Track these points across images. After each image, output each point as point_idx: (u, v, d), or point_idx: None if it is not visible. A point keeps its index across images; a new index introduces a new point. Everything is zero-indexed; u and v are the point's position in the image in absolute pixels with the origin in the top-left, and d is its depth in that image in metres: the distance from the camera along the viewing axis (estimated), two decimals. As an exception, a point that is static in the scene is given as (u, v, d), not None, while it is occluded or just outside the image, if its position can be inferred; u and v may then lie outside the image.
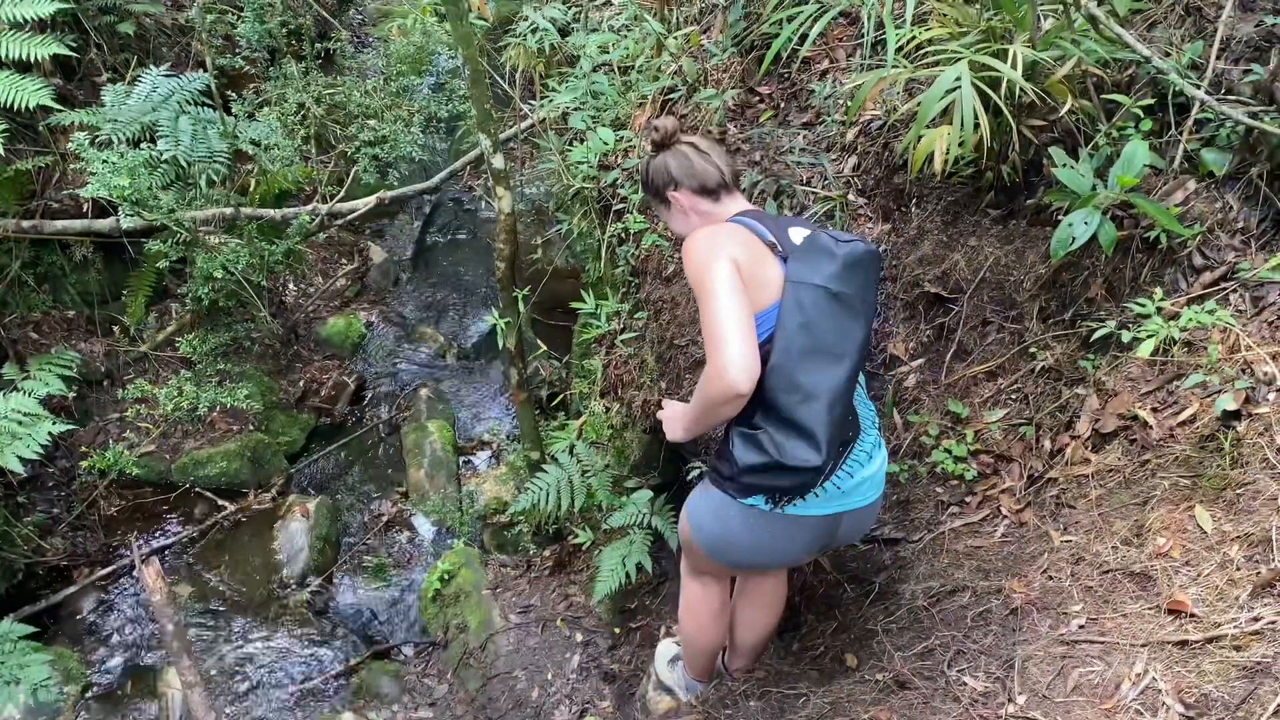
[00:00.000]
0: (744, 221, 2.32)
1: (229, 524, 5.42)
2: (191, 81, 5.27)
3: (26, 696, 4.33)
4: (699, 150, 2.42)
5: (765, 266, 2.21)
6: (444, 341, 6.85)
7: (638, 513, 4.09)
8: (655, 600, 4.36)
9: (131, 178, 4.78)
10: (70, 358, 5.38)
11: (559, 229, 4.80)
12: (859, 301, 2.25)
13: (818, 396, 2.16)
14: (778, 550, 2.45)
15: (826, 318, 2.17)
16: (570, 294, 5.74)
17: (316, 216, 5.59)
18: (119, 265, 5.86)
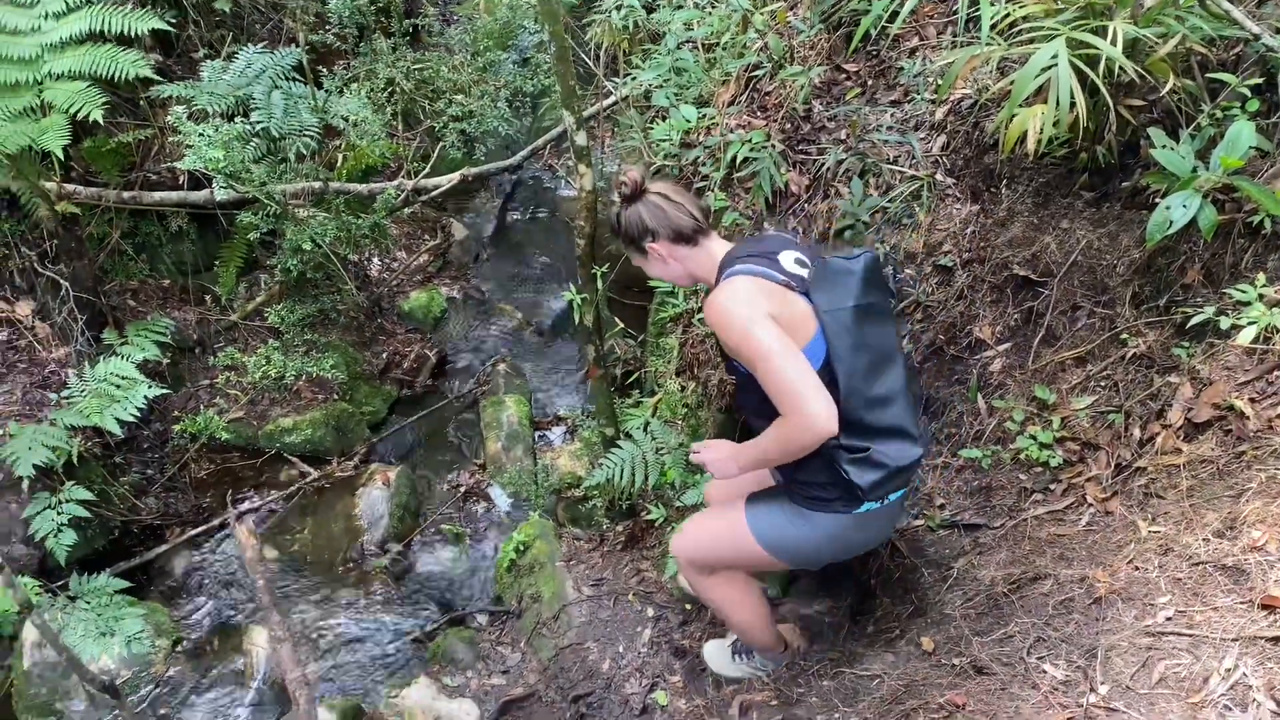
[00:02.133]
0: (752, 270, 2.35)
1: (313, 490, 5.57)
2: (284, 57, 5.40)
3: (121, 648, 4.53)
4: (669, 199, 2.48)
5: (793, 306, 2.33)
6: (522, 318, 6.93)
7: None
8: (727, 578, 4.36)
9: (226, 151, 4.92)
10: (165, 325, 5.58)
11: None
12: (884, 304, 2.45)
13: (894, 399, 2.38)
14: (870, 541, 2.72)
15: (870, 332, 2.35)
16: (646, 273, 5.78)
17: (402, 192, 5.69)
18: (212, 236, 6.04)
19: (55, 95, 4.91)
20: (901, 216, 3.52)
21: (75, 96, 4.84)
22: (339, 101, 5.19)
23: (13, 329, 5.33)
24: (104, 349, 5.38)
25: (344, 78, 5.37)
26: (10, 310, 5.35)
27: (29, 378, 5.28)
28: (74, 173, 5.54)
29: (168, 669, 4.75)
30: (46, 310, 5.45)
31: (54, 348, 5.39)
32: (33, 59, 4.97)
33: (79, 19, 4.99)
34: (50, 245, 5.46)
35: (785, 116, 3.84)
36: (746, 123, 3.95)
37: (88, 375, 5.13)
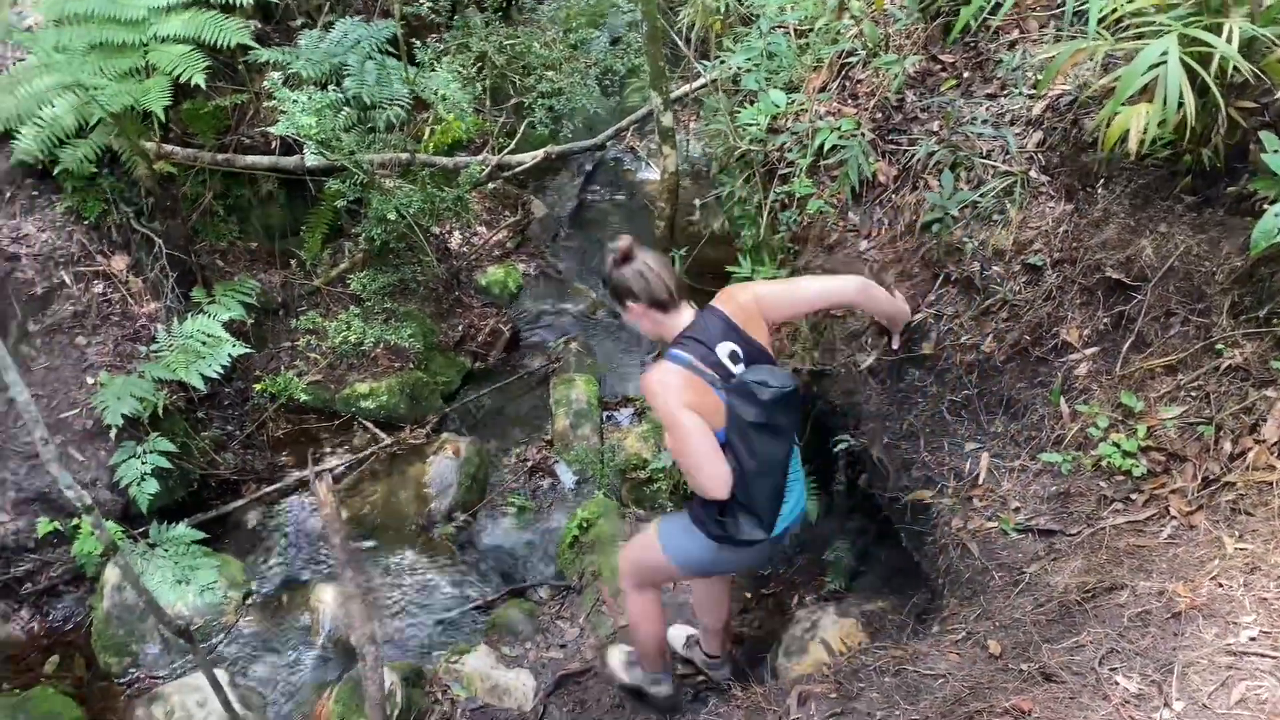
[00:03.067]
0: (685, 360, 2.81)
1: (385, 455, 5.68)
2: (380, 29, 5.48)
3: (195, 596, 4.69)
4: (651, 270, 2.88)
5: (707, 398, 2.80)
6: (596, 298, 6.96)
7: (779, 480, 4.08)
8: (789, 570, 4.35)
9: (318, 118, 5.02)
10: (251, 286, 5.72)
11: (720, 192, 4.80)
12: (787, 425, 2.86)
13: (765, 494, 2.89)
14: (743, 564, 3.40)
15: (763, 442, 2.80)
16: (722, 259, 5.73)
17: (486, 167, 5.74)
18: (300, 202, 6.17)
19: (159, 58, 5.06)
20: (992, 212, 3.45)
21: (178, 60, 4.99)
22: (430, 75, 5.26)
23: (108, 282, 5.51)
24: (192, 306, 5.54)
25: (436, 51, 5.42)
26: (107, 264, 5.54)
27: (120, 330, 5.46)
28: (172, 134, 5.70)
29: (238, 620, 4.90)
30: (140, 266, 5.63)
31: (145, 302, 5.57)
32: (139, 21, 5.13)
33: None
34: (146, 203, 5.63)
35: (877, 105, 3.78)
36: (836, 110, 3.90)
37: (176, 331, 5.29)
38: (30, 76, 5.11)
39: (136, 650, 4.69)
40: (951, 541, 3.25)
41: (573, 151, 6.52)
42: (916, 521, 3.43)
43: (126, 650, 4.68)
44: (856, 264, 3.70)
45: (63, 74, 4.95)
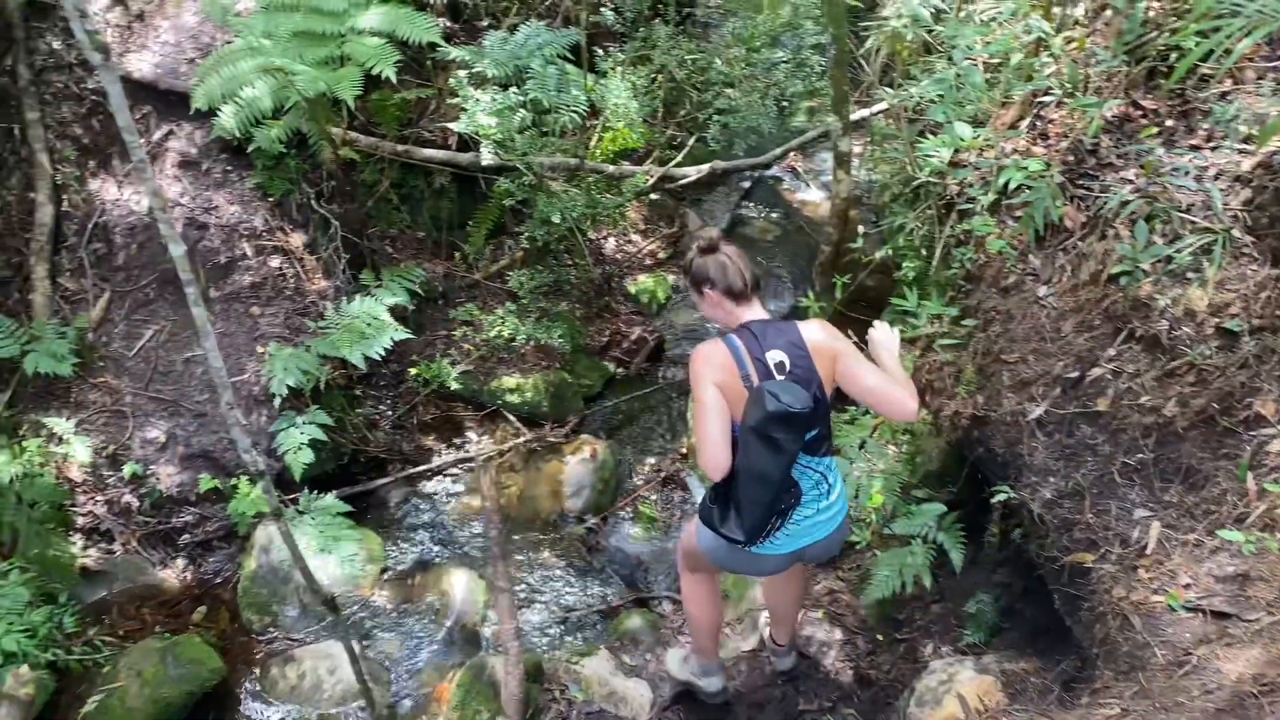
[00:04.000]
0: (734, 345, 2.94)
1: (524, 449, 5.78)
2: (563, 35, 5.60)
3: (336, 566, 4.86)
4: (732, 261, 3.02)
5: (738, 387, 2.92)
6: (744, 316, 6.91)
7: (924, 525, 3.96)
8: (925, 617, 4.21)
9: (499, 119, 5.16)
10: (417, 274, 5.92)
11: (890, 221, 4.70)
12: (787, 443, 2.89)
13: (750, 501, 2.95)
14: (751, 568, 3.45)
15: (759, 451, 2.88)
16: (877, 288, 5.62)
17: (650, 178, 5.80)
18: (469, 197, 6.36)
19: (355, 49, 5.29)
20: (1187, 270, 3.26)
21: (372, 52, 5.20)
22: (607, 83, 5.34)
23: (285, 258, 5.80)
24: (360, 288, 5.77)
25: (617, 60, 5.51)
26: (285, 240, 5.83)
27: (292, 304, 5.73)
28: (357, 122, 5.95)
29: (373, 593, 5.06)
30: (315, 245, 5.90)
31: (317, 280, 5.83)
32: (339, 13, 5.37)
33: (386, -19, 5.35)
34: (327, 186, 5.90)
35: (1069, 147, 3.62)
36: (1025, 149, 3.76)
37: (344, 310, 5.53)
38: (235, 58, 5.40)
39: (276, 611, 4.91)
40: (1111, 611, 3.09)
41: (738, 169, 6.52)
42: (1073, 585, 3.27)
43: (268, 610, 4.90)
44: (1033, 309, 3.56)
45: (265, 58, 5.22)
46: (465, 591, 4.97)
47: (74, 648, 4.44)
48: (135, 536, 5.11)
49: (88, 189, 5.76)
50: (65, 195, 5.71)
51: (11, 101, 5.68)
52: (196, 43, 6.03)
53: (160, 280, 5.62)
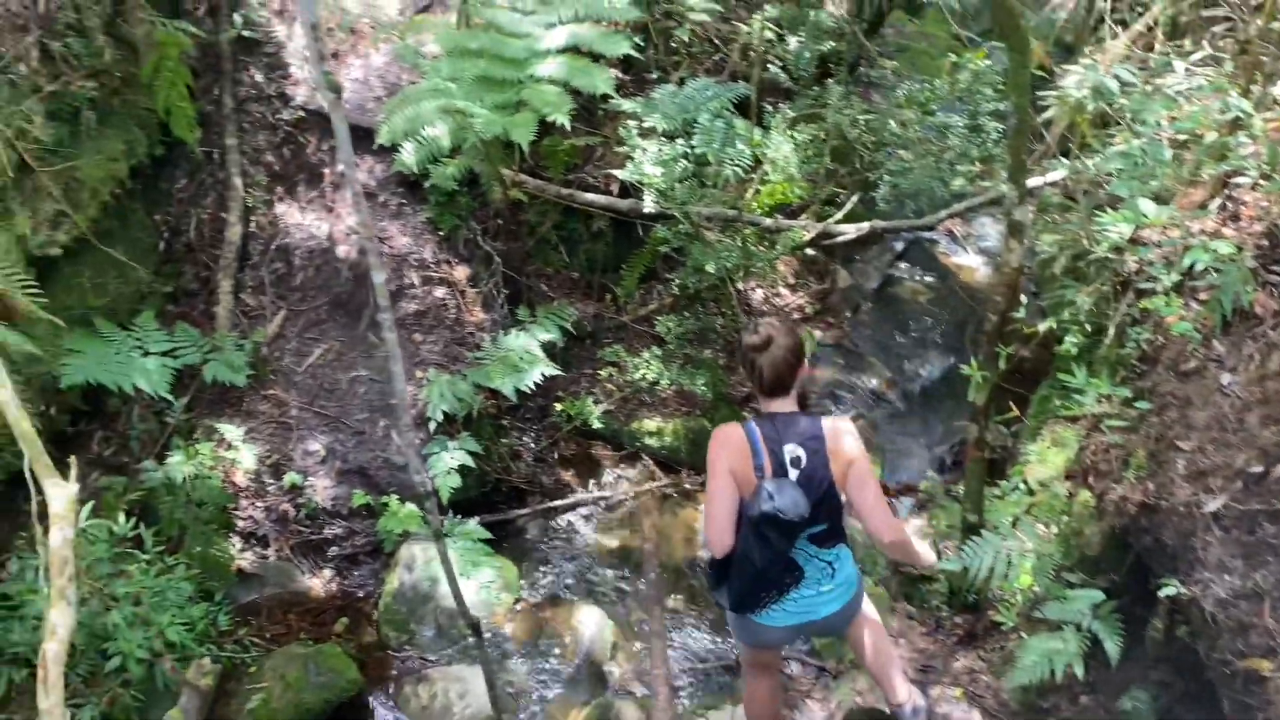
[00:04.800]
0: (753, 434, 3.07)
1: (660, 493, 5.82)
2: (731, 89, 5.70)
3: (473, 592, 4.99)
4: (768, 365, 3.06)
5: (749, 474, 3.06)
6: (889, 377, 6.83)
7: (1078, 611, 3.79)
8: (1072, 708, 4.01)
9: (663, 168, 5.28)
10: (569, 313, 6.08)
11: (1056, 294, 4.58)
12: (778, 542, 3.06)
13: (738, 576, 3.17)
14: (755, 638, 3.49)
15: (754, 541, 3.05)
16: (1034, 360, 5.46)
17: (807, 233, 5.82)
18: (624, 241, 6.50)
19: (532, 95, 5.50)
20: (1392, 368, 3.07)
21: (549, 100, 5.40)
22: (771, 138, 5.41)
23: (448, 289, 6.05)
24: (516, 323, 5.96)
25: (786, 117, 5.58)
26: (450, 272, 6.08)
27: (451, 334, 5.97)
28: (526, 164, 6.18)
29: (505, 623, 5.16)
30: (477, 278, 6.14)
31: (476, 312, 6.06)
32: (521, 60, 5.60)
33: (566, 34, 5.56)
34: (493, 223, 6.14)
35: (1264, 232, 3.47)
36: (1213, 230, 3.61)
37: (499, 343, 5.72)
38: (420, 98, 5.69)
39: (414, 630, 5.05)
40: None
41: (898, 230, 6.47)
42: (1247, 692, 3.07)
43: (405, 628, 5.05)
44: (1215, 397, 3.40)
45: (448, 100, 5.49)
46: (595, 630, 5.01)
47: (226, 645, 4.67)
48: (288, 544, 5.36)
49: (274, 212, 6.15)
50: (253, 217, 6.11)
51: (215, 128, 6.13)
52: (384, 81, 6.41)
53: (332, 302, 5.94)
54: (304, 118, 6.28)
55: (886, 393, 6.76)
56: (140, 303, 5.62)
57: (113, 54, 5.14)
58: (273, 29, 6.39)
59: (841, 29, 6.18)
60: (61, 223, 5.04)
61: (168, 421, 5.30)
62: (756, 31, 5.64)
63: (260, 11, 6.29)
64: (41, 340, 4.68)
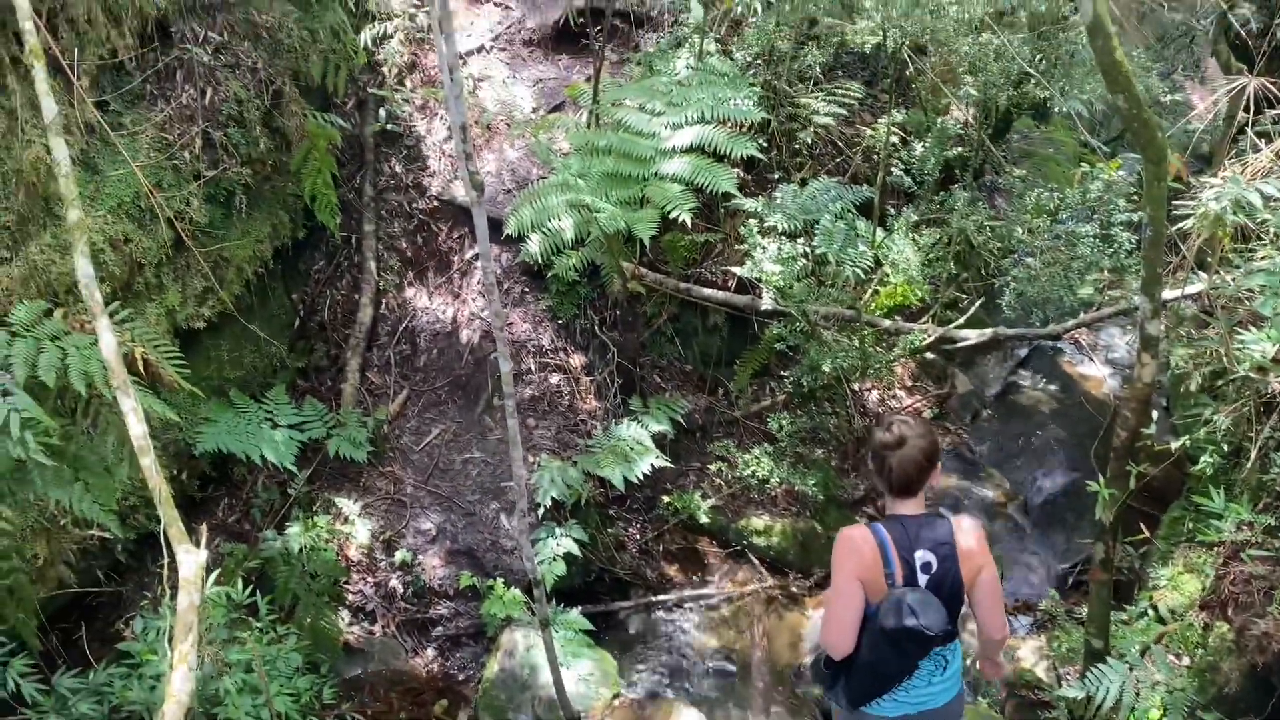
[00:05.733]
0: (883, 539, 2.98)
1: (765, 595, 5.70)
2: (854, 192, 5.73)
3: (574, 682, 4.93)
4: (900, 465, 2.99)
5: (879, 580, 2.96)
6: (1009, 488, 6.59)
7: (1215, 754, 3.53)
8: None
9: (783, 267, 5.32)
10: (681, 405, 6.10)
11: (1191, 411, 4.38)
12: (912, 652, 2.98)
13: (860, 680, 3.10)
14: None
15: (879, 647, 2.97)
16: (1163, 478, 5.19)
17: (927, 336, 5.74)
18: (739, 336, 6.53)
19: (656, 192, 5.64)
20: None
21: (672, 197, 5.53)
22: (893, 240, 5.40)
23: (564, 376, 6.16)
24: (628, 412, 6.00)
25: (908, 220, 5.57)
26: (567, 360, 6.19)
27: (564, 420, 6.05)
28: (646, 258, 6.30)
29: (602, 717, 5.07)
30: (592, 367, 6.23)
31: (589, 399, 6.14)
32: (647, 159, 5.77)
33: (691, 134, 5.71)
34: (611, 314, 6.25)
35: None
36: (1367, 353, 3.42)
37: (611, 432, 5.76)
38: (548, 192, 5.90)
39: (511, 718, 5.01)
40: None
41: (1023, 338, 6.32)
42: None
43: (503, 715, 5.02)
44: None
45: (576, 195, 5.67)
46: (694, 733, 4.89)
47: (329, 719, 4.73)
48: (394, 621, 5.43)
49: (403, 295, 6.41)
50: (384, 299, 6.38)
51: (354, 214, 6.47)
52: (515, 175, 6.68)
53: (452, 384, 6.11)
54: (437, 207, 6.58)
55: (1006, 505, 6.52)
56: (273, 376, 5.90)
57: (267, 143, 5.50)
58: (414, 123, 6.76)
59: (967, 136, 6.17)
60: (208, 297, 5.36)
61: (290, 493, 5.49)
62: (881, 136, 5.68)
63: (403, 107, 6.66)
64: (180, 408, 4.95)
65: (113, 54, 4.70)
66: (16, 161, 4.35)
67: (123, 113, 4.87)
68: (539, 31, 7.41)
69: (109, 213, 4.72)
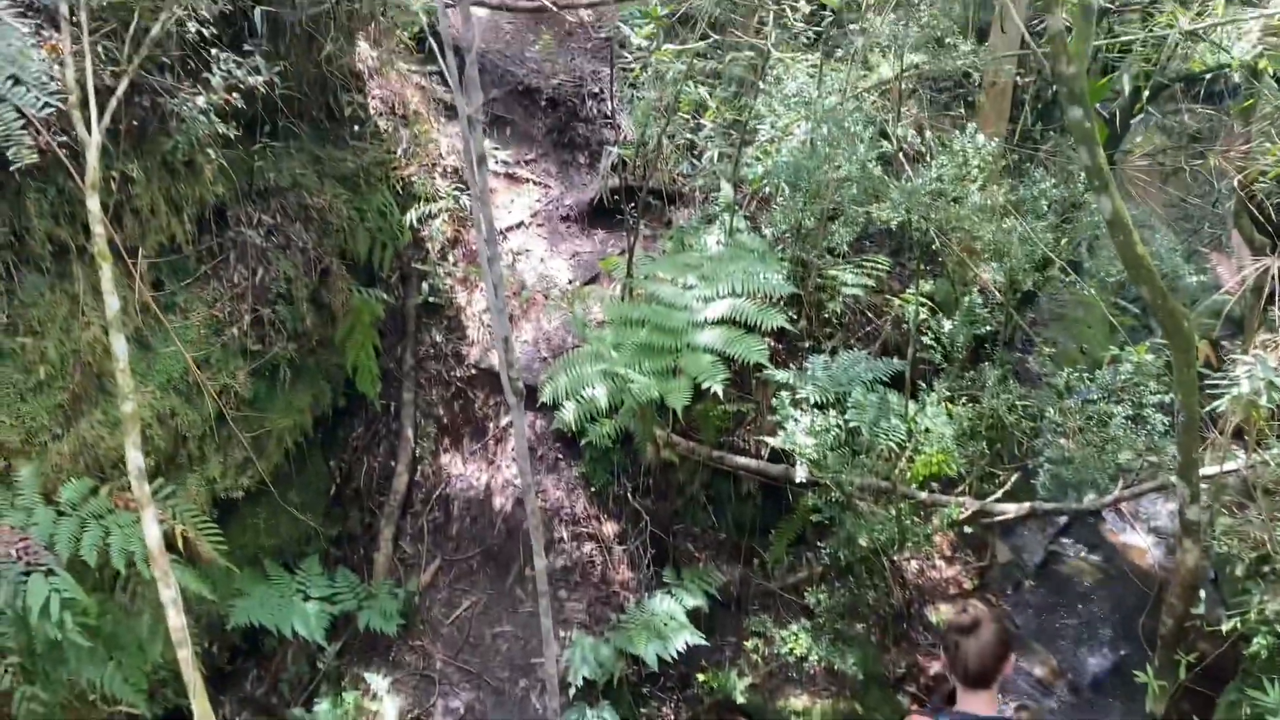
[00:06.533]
0: None
1: (805, 782, 5.47)
2: (885, 364, 5.79)
3: None
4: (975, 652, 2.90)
5: None
6: (1055, 665, 6.36)
7: None
8: None
9: (816, 438, 5.33)
10: (715, 577, 6.02)
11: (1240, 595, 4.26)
12: None
13: None
14: None
15: None
16: (1220, 665, 4.99)
17: (965, 510, 5.68)
18: (773, 506, 6.48)
19: (689, 363, 5.72)
20: None
21: (705, 368, 5.60)
22: (927, 412, 5.42)
23: (596, 545, 6.12)
24: (661, 584, 5.92)
25: (941, 395, 5.60)
26: (599, 529, 6.17)
27: (596, 592, 5.98)
28: (679, 426, 6.34)
29: None
30: (625, 536, 6.20)
31: (622, 570, 6.08)
32: (679, 330, 5.88)
33: (723, 306, 5.84)
34: (644, 481, 6.26)
35: None
36: None
37: (645, 606, 5.68)
38: (582, 361, 6.01)
39: None
40: None
41: (1061, 512, 6.24)
42: None
43: None
44: None
45: (610, 365, 5.78)
46: None
47: None
48: (421, 806, 5.26)
49: (439, 462, 6.48)
50: (420, 466, 6.45)
51: (394, 383, 6.61)
52: (550, 344, 6.83)
53: (484, 555, 6.09)
54: (475, 375, 6.71)
55: (1053, 683, 6.27)
56: (307, 545, 5.92)
57: (313, 319, 5.70)
58: (455, 294, 6.98)
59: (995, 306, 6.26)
60: (248, 467, 5.45)
61: (319, 666, 5.43)
62: (910, 305, 5.78)
63: (445, 280, 6.89)
64: (215, 578, 4.97)
65: (171, 239, 4.95)
66: (75, 343, 4.54)
67: (176, 292, 5.08)
68: (576, 208, 7.72)
69: (158, 388, 4.87)
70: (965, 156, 5.41)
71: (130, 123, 4.51)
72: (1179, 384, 3.67)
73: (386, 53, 6.57)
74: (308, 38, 5.51)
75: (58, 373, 4.46)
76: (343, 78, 6.00)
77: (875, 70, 6.87)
